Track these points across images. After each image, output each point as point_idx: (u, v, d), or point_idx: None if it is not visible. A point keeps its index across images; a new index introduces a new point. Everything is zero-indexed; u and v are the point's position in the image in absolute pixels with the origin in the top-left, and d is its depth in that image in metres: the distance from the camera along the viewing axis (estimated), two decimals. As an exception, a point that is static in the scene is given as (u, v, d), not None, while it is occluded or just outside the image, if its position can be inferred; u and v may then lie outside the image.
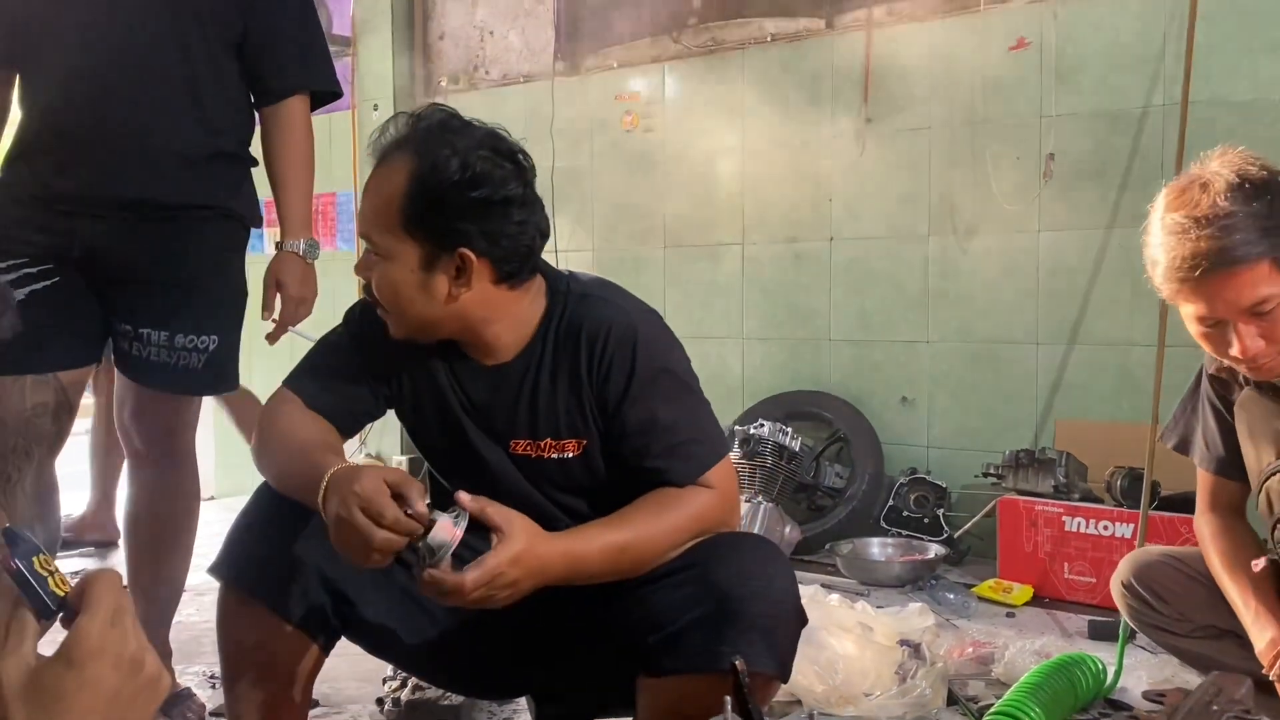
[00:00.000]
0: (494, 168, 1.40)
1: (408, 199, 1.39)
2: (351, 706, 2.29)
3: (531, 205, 1.45)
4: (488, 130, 1.44)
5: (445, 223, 1.39)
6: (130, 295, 2.02)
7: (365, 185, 1.46)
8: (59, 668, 0.75)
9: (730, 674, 1.12)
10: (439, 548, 1.26)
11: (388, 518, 1.25)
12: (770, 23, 3.98)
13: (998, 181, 3.47)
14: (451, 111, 1.46)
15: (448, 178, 1.38)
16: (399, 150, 1.43)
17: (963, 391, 3.63)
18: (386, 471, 1.31)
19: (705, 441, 1.48)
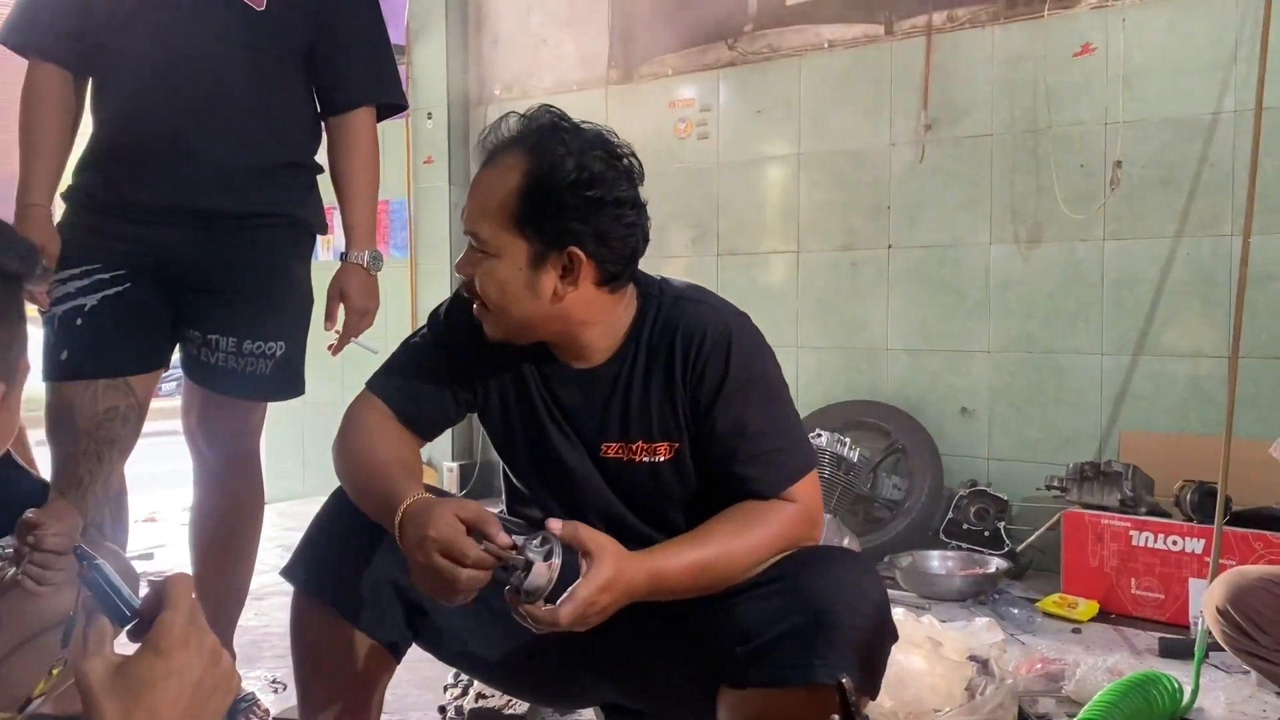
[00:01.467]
0: (607, 169, 1.39)
1: (522, 197, 1.38)
2: (414, 714, 2.29)
3: (640, 208, 1.44)
4: (597, 131, 1.43)
5: (558, 222, 1.38)
6: (200, 301, 2.03)
7: (474, 182, 1.45)
8: (148, 656, 0.79)
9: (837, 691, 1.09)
10: (535, 591, 1.25)
11: (470, 558, 1.25)
12: (828, 29, 3.95)
13: (1061, 189, 3.42)
14: (561, 112, 1.44)
15: (564, 177, 1.37)
16: (512, 149, 1.42)
17: (1024, 402, 3.57)
18: (460, 507, 1.29)
19: (793, 452, 1.45)
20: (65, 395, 1.96)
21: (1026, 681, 2.35)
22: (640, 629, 1.43)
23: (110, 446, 1.96)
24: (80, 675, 0.79)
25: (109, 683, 0.78)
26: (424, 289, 4.91)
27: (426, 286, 4.92)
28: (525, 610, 1.26)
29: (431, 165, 4.94)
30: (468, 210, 1.45)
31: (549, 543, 1.27)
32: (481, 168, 1.45)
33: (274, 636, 2.84)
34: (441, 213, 4.92)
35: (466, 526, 1.27)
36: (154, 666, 0.78)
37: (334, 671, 1.52)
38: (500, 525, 1.29)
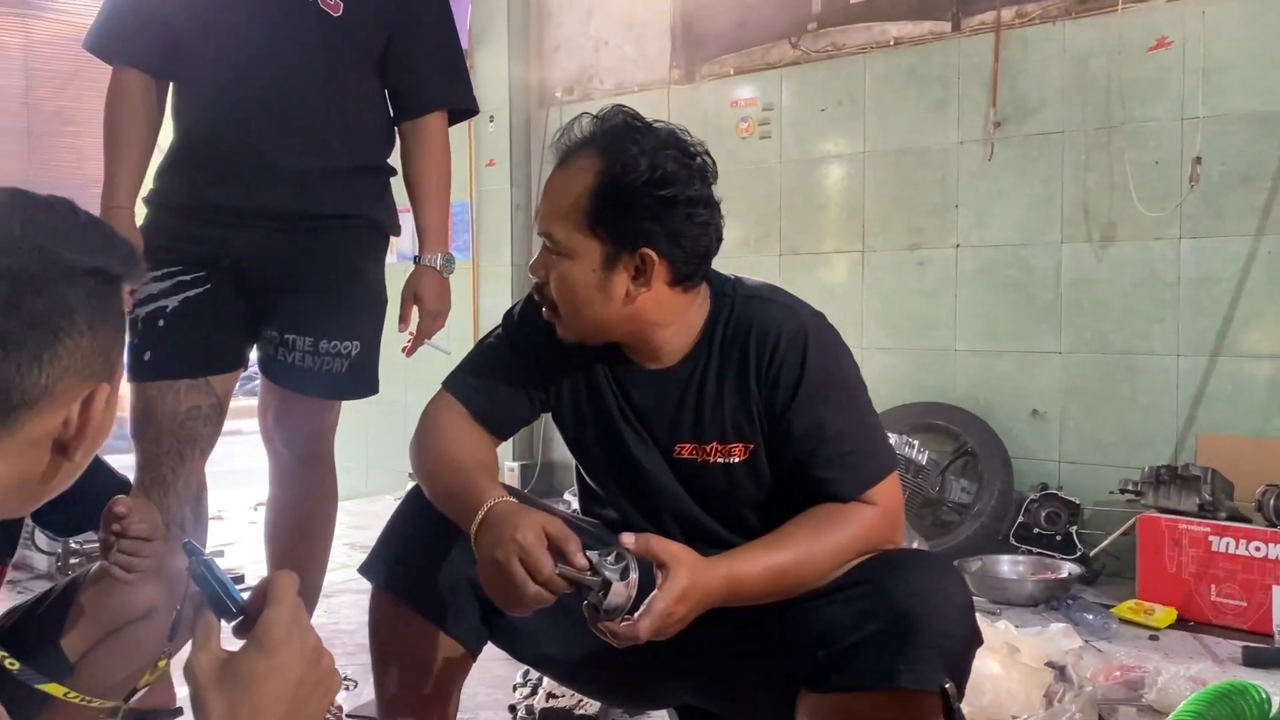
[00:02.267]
0: (680, 167, 1.38)
1: (595, 197, 1.38)
2: (484, 713, 2.29)
3: (714, 207, 1.43)
4: (670, 129, 1.42)
5: (631, 222, 1.37)
6: (277, 302, 2.06)
7: (546, 184, 1.45)
8: (252, 653, 0.80)
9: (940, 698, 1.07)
10: (614, 610, 1.25)
11: (544, 574, 1.25)
12: (893, 26, 3.91)
13: (1136, 186, 3.34)
14: (633, 112, 1.44)
15: (637, 177, 1.36)
16: (585, 149, 1.41)
17: (1097, 404, 3.50)
18: (546, 520, 1.29)
19: (873, 454, 1.43)
20: (149, 395, 2.00)
21: (1105, 689, 2.30)
22: (719, 631, 1.42)
23: (192, 445, 2.00)
24: (188, 669, 0.81)
25: (215, 677, 0.79)
26: (485, 291, 4.95)
27: (488, 289, 4.95)
28: (605, 628, 1.26)
29: (493, 168, 4.97)
30: (541, 212, 1.45)
31: (624, 559, 1.26)
32: (554, 170, 1.45)
33: (344, 633, 2.87)
34: (503, 215, 4.95)
35: (549, 541, 1.27)
36: (257, 663, 0.80)
37: (413, 669, 1.53)
38: (580, 546, 1.28)
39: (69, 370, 0.80)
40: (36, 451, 0.81)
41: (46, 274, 0.79)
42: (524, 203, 4.97)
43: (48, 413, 0.79)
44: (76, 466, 0.84)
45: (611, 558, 1.27)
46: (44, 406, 0.79)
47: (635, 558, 1.27)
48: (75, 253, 0.82)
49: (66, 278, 0.80)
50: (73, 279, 0.80)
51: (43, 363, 0.78)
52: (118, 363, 0.86)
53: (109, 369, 0.84)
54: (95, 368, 0.82)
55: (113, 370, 0.85)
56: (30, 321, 0.77)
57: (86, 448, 0.84)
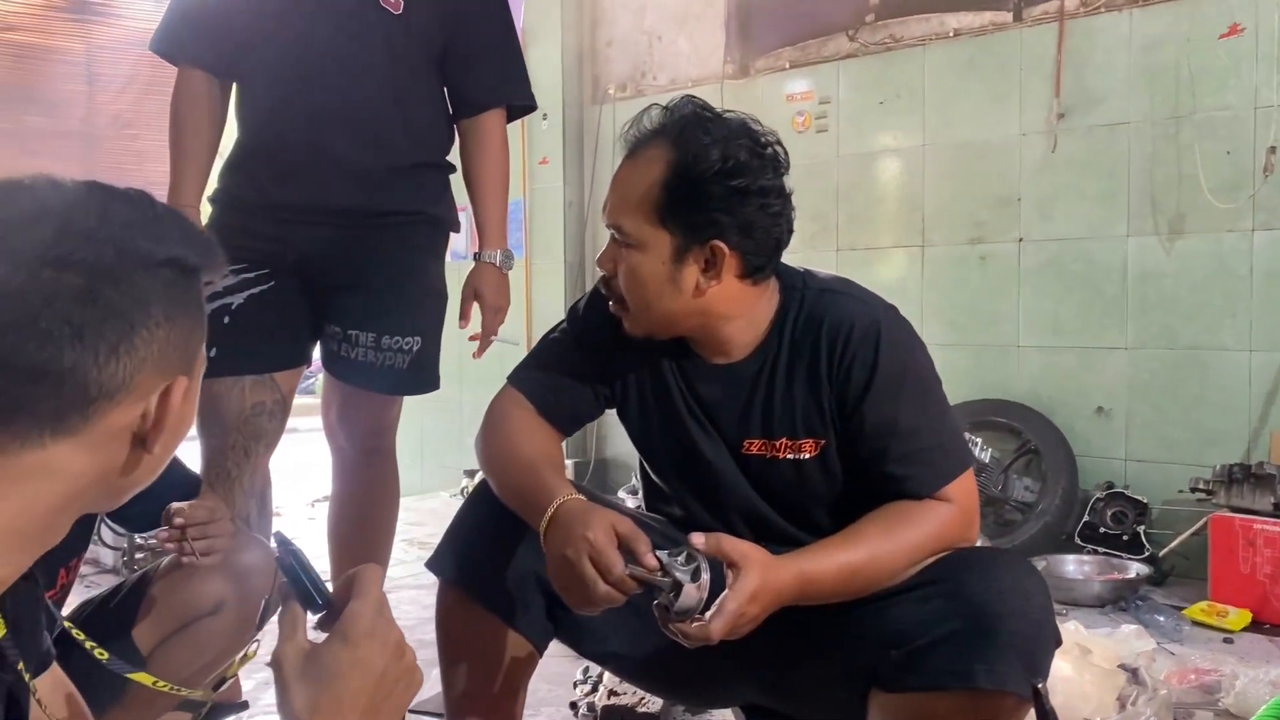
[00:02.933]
0: (752, 157, 1.36)
1: (665, 189, 1.36)
2: (545, 709, 2.29)
3: (785, 197, 1.40)
4: (741, 119, 1.40)
5: (702, 213, 1.35)
6: (340, 298, 2.07)
7: (616, 175, 1.44)
8: (336, 645, 0.81)
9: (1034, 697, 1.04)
10: (686, 612, 1.24)
11: (615, 574, 1.24)
12: (953, 17, 3.85)
13: (1207, 177, 3.26)
14: (704, 102, 1.42)
15: (709, 167, 1.34)
16: (655, 140, 1.40)
17: (1165, 401, 3.41)
18: (617, 520, 1.28)
19: (948, 450, 1.40)
20: (215, 391, 2.02)
21: (1180, 693, 2.24)
22: (789, 629, 1.39)
23: (257, 441, 2.01)
24: (274, 659, 0.81)
25: (300, 668, 0.80)
26: (538, 289, 4.95)
27: (541, 286, 4.95)
28: (676, 629, 1.25)
29: (547, 166, 4.98)
30: (610, 204, 1.43)
31: (694, 560, 1.25)
32: (624, 161, 1.44)
33: (405, 629, 2.84)
34: (556, 213, 4.95)
35: (619, 540, 1.26)
36: (341, 656, 0.80)
37: (480, 664, 1.52)
38: (650, 546, 1.27)
39: (146, 362, 0.79)
40: (116, 444, 0.80)
41: (122, 264, 0.78)
42: (577, 200, 4.96)
43: (126, 405, 0.79)
44: (158, 460, 0.84)
45: (682, 558, 1.25)
46: (122, 399, 0.78)
47: (706, 558, 1.25)
48: (151, 243, 0.81)
49: (143, 268, 0.79)
50: (150, 269, 0.80)
51: (119, 354, 0.77)
52: (196, 355, 0.85)
53: (188, 361, 0.83)
54: (173, 360, 0.81)
55: (191, 363, 0.84)
56: (107, 313, 0.76)
57: (166, 441, 0.83)
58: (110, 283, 0.78)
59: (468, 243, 3.94)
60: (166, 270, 0.81)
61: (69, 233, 0.77)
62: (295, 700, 0.79)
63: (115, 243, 0.79)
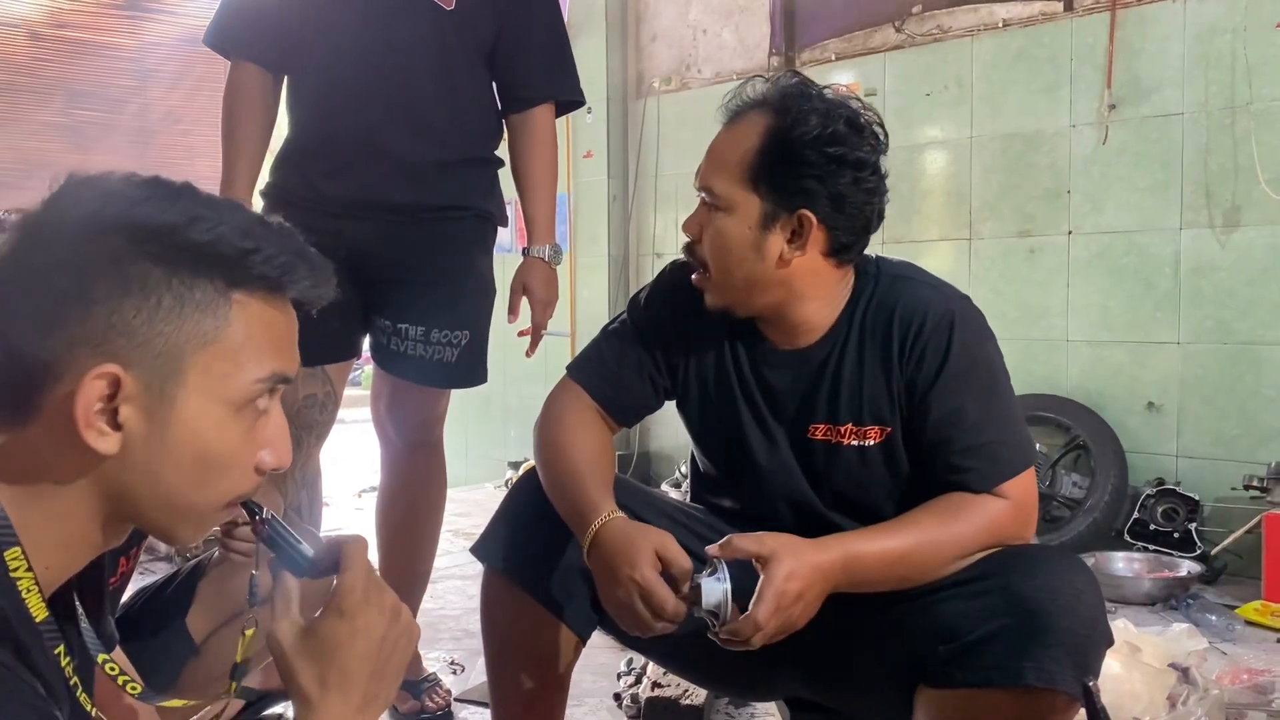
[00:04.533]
0: (852, 130, 1.36)
1: (761, 152, 1.36)
2: (589, 700, 2.31)
3: (880, 176, 1.39)
4: (844, 97, 1.40)
5: (794, 179, 1.35)
6: (390, 292, 2.09)
7: (713, 142, 1.43)
8: (333, 620, 0.81)
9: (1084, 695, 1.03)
10: (718, 608, 1.26)
11: (669, 611, 1.28)
12: (1002, 8, 3.80)
13: (1264, 169, 3.19)
14: (809, 79, 1.42)
15: (807, 132, 1.33)
16: (757, 108, 1.40)
17: (1219, 397, 3.35)
18: (660, 544, 1.30)
19: (1012, 446, 1.38)
20: None
21: (1232, 693, 2.20)
22: (836, 622, 1.39)
23: (309, 432, 2.04)
24: (271, 638, 0.81)
25: (300, 645, 0.81)
26: (583, 283, 4.97)
27: (585, 280, 4.97)
28: (725, 634, 1.26)
29: (591, 160, 4.99)
30: (702, 169, 1.43)
31: (713, 565, 1.28)
32: (723, 128, 1.44)
33: (450, 619, 2.92)
34: (600, 207, 4.96)
35: (663, 564, 1.29)
36: (339, 629, 0.81)
37: (525, 651, 1.53)
38: (689, 572, 1.30)
39: (80, 340, 0.74)
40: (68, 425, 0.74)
41: (72, 228, 0.75)
42: (621, 194, 4.97)
43: (66, 381, 0.74)
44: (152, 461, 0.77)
45: (707, 571, 1.29)
46: (62, 374, 0.74)
47: (725, 562, 1.28)
48: (118, 208, 0.76)
49: (93, 235, 0.75)
50: (101, 237, 0.75)
51: (53, 326, 0.73)
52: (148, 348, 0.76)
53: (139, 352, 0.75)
54: (116, 346, 0.74)
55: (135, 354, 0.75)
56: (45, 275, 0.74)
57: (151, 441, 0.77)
58: (48, 245, 0.75)
59: (514, 237, 3.97)
60: (116, 238, 0.75)
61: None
62: (301, 678, 0.80)
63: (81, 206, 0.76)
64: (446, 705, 2.22)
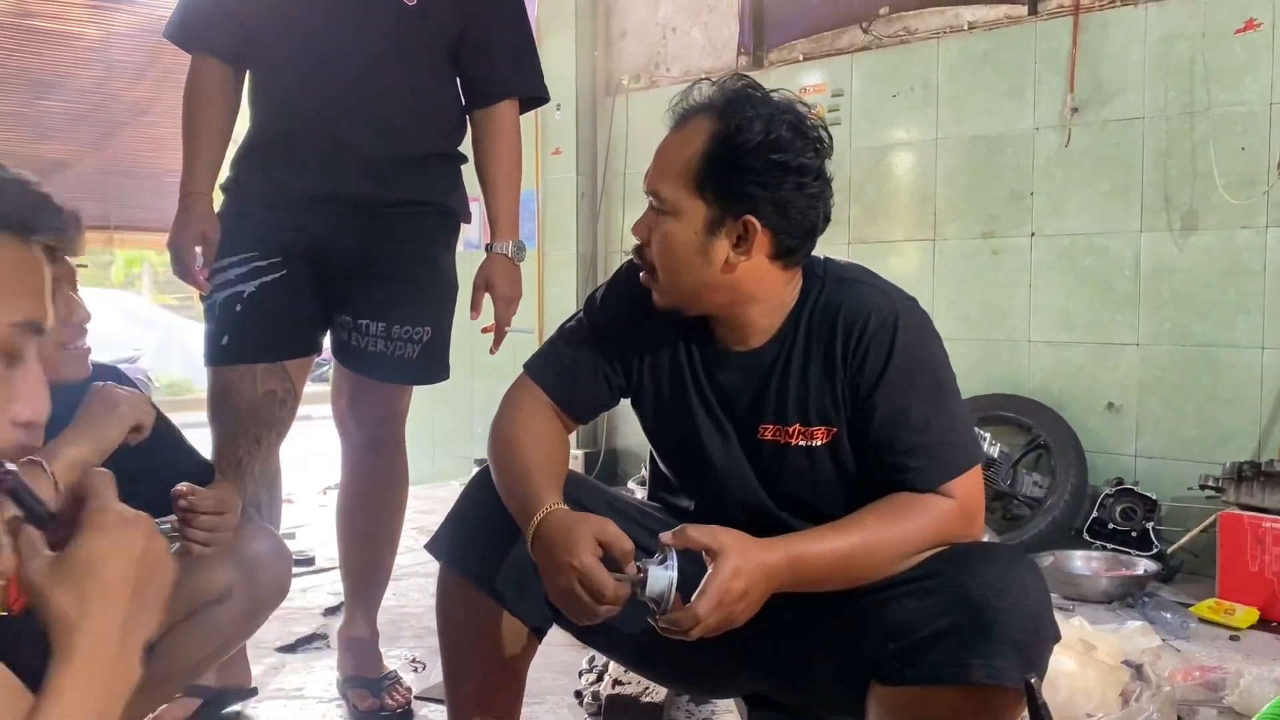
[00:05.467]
0: (795, 135, 1.37)
1: (706, 157, 1.37)
2: (550, 697, 2.31)
3: (825, 181, 1.41)
4: (789, 100, 1.41)
5: (738, 185, 1.36)
6: (351, 287, 2.08)
7: (660, 145, 1.45)
8: (90, 536, 0.78)
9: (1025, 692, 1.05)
10: (661, 597, 1.26)
11: (608, 595, 1.27)
12: (967, 10, 3.83)
13: (1221, 174, 3.24)
14: (753, 81, 1.43)
15: (750, 139, 1.35)
16: (702, 112, 1.41)
17: (1177, 398, 3.40)
18: (599, 529, 1.30)
19: (956, 445, 1.40)
20: (226, 379, 2.04)
21: (1184, 690, 2.24)
22: (789, 619, 1.41)
23: (268, 429, 2.03)
24: (23, 581, 0.78)
25: (56, 574, 0.77)
26: (550, 280, 4.96)
27: (554, 277, 4.96)
28: (664, 622, 1.26)
29: (560, 156, 4.98)
30: (650, 172, 1.45)
31: (663, 553, 1.28)
32: (670, 131, 1.45)
33: (412, 616, 2.91)
34: (569, 204, 4.96)
35: (603, 548, 1.29)
36: (96, 545, 0.78)
37: (479, 648, 1.53)
38: (631, 553, 1.30)
39: None
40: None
41: None
42: (590, 191, 4.97)
43: None
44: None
45: (657, 559, 1.29)
46: None
47: (676, 551, 1.28)
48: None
49: None
50: None
51: None
52: None
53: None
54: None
55: None
56: None
57: None
58: None
59: (481, 233, 3.96)
60: None
61: None
62: (62, 605, 0.76)
63: None
64: (407, 703, 2.22)
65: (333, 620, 2.78)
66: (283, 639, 2.69)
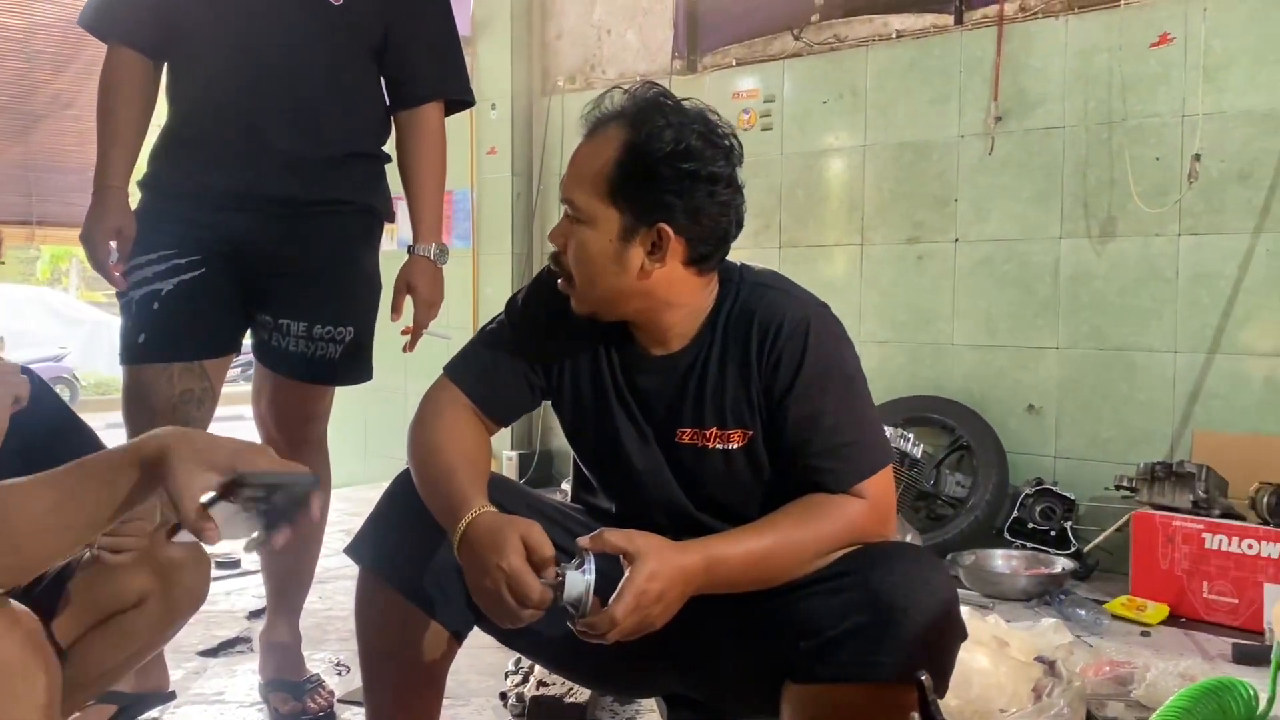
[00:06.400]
0: (705, 144, 1.39)
1: (618, 166, 1.38)
2: (475, 699, 2.31)
3: (736, 188, 1.43)
4: (700, 109, 1.43)
5: (651, 194, 1.38)
6: (272, 286, 2.06)
7: (574, 153, 1.46)
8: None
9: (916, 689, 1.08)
10: (578, 601, 1.27)
11: (534, 599, 1.27)
12: (896, 19, 3.90)
13: (1136, 183, 3.34)
14: (665, 89, 1.45)
15: (661, 148, 1.36)
16: (614, 121, 1.42)
17: (1094, 400, 3.50)
18: (525, 530, 1.31)
19: (867, 447, 1.42)
20: (142, 378, 2.00)
21: (1095, 684, 2.30)
22: (706, 620, 1.42)
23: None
24: None
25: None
26: (485, 279, 4.95)
27: (488, 276, 4.95)
28: (582, 626, 1.27)
29: (495, 156, 4.97)
30: (565, 180, 1.46)
31: (581, 558, 1.29)
32: (583, 139, 1.46)
33: (338, 620, 2.88)
34: (504, 203, 4.94)
35: (527, 550, 1.29)
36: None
37: (397, 652, 1.52)
38: (553, 559, 1.30)
39: None
40: None
41: None
42: (525, 191, 4.97)
43: None
44: None
45: (575, 563, 1.29)
46: None
47: (593, 556, 1.29)
48: None
49: None
50: None
51: None
52: None
53: None
54: None
55: None
56: None
57: None
58: None
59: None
60: None
61: None
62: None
63: None
64: (329, 706, 2.20)
65: (256, 624, 2.75)
66: (205, 643, 2.65)
